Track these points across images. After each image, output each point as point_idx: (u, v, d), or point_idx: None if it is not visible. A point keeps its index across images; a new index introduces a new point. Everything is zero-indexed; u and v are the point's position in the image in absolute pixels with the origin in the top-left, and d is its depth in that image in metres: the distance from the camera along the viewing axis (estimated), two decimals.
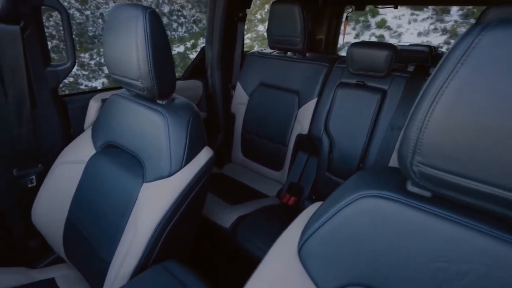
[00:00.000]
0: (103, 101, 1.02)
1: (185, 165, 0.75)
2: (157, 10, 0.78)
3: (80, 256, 0.86)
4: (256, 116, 1.58)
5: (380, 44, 1.21)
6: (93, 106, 1.04)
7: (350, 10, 2.16)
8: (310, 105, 1.39)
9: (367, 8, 2.20)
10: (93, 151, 0.90)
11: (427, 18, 14.64)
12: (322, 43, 2.26)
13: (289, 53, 1.56)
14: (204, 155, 0.79)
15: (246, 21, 1.69)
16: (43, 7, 0.93)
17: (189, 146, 0.76)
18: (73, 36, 0.98)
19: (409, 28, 14.85)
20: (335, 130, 1.32)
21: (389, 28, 15.33)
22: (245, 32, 1.73)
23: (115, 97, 0.92)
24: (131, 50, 0.72)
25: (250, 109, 1.60)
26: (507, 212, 0.35)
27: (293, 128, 1.44)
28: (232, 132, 1.68)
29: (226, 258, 1.35)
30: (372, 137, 1.24)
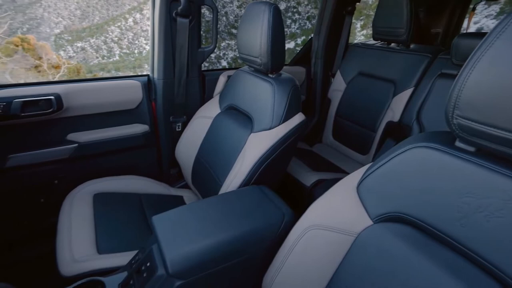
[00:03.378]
0: (228, 77, 1.37)
1: (283, 123, 0.99)
2: None
3: (201, 182, 1.23)
4: (350, 102, 1.69)
5: None
6: (221, 80, 1.41)
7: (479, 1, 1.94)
8: (406, 94, 1.42)
9: None
10: (219, 111, 1.25)
11: None
12: (439, 37, 2.11)
13: (392, 44, 1.61)
14: (298, 118, 1.02)
15: (364, 17, 1.80)
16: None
17: (288, 109, 1.00)
18: (201, 32, 1.34)
19: None
20: (427, 119, 1.33)
21: None
22: (360, 29, 1.83)
23: (239, 71, 1.24)
24: (256, 34, 1.00)
25: (346, 95, 1.72)
26: None
27: (385, 115, 1.50)
28: (325, 116, 1.84)
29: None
30: None
